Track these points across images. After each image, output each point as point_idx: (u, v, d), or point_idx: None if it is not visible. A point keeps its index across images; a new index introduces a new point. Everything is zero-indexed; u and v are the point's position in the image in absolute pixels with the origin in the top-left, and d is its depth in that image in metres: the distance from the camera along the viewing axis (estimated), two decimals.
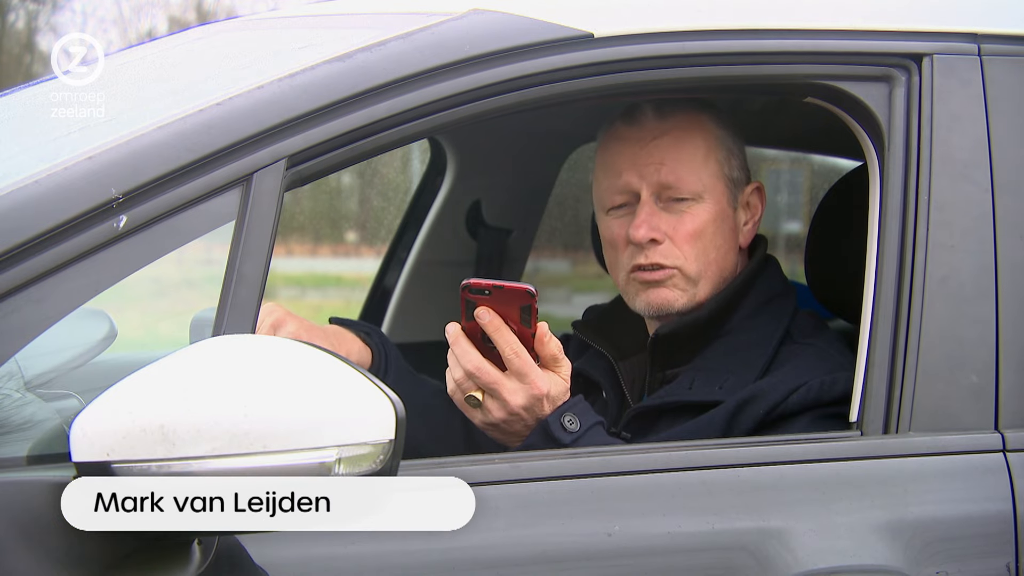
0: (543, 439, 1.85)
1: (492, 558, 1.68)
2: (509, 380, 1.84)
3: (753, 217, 2.19)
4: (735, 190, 2.16)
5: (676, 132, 2.12)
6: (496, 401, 1.85)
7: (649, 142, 2.12)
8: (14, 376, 1.61)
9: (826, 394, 1.97)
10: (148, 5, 16.34)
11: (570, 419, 1.86)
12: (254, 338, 1.52)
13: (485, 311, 1.81)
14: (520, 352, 1.82)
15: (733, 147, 2.16)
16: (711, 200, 2.12)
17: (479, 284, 1.81)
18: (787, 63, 1.95)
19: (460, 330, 1.85)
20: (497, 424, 1.87)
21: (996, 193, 1.94)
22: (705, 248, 2.11)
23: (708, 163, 2.12)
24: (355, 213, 12.13)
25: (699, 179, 2.11)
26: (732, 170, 2.15)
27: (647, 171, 2.11)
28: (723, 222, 2.13)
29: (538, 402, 1.84)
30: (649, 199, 2.10)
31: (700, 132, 2.13)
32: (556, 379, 1.87)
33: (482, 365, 1.83)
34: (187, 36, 2.47)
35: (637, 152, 2.12)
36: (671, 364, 2.14)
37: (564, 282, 7.01)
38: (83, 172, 1.59)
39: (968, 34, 1.99)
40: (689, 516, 1.75)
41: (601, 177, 2.17)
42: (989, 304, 1.91)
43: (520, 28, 1.82)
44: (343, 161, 1.73)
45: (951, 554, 1.83)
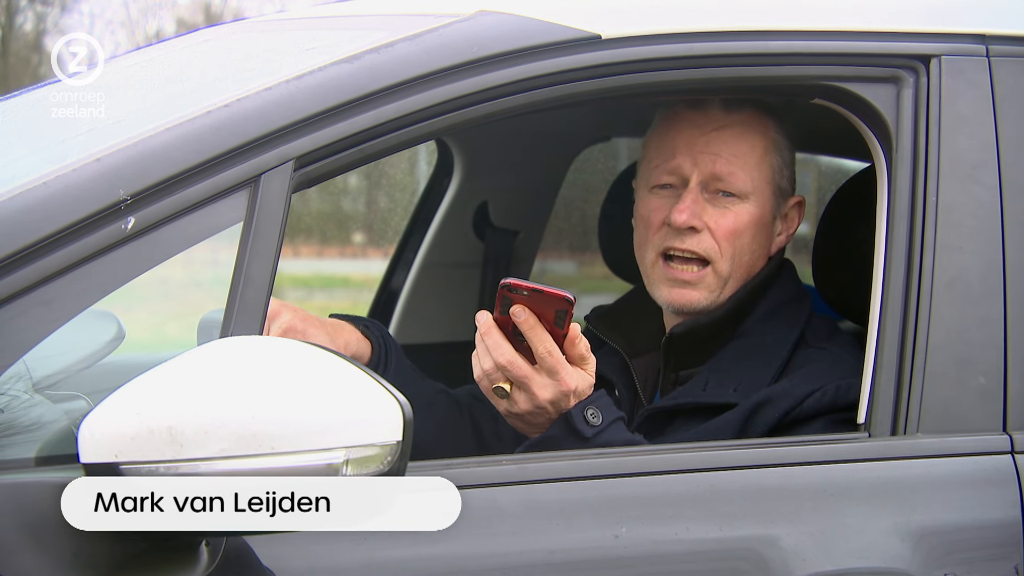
0: (565, 431, 1.86)
1: (498, 560, 1.68)
2: (539, 375, 1.84)
3: (788, 229, 2.18)
4: (780, 199, 2.15)
5: (739, 128, 2.12)
6: (524, 394, 1.85)
7: (710, 131, 2.11)
8: (22, 377, 1.61)
9: (841, 399, 1.97)
10: (156, 7, 16.36)
11: (593, 413, 1.87)
12: (262, 339, 1.52)
13: (521, 309, 1.81)
14: (553, 351, 1.83)
15: (787, 157, 2.16)
16: (756, 202, 2.11)
17: (518, 285, 1.81)
18: (795, 64, 1.95)
19: (492, 321, 1.84)
20: (522, 415, 1.88)
21: (1004, 194, 1.94)
22: (741, 249, 2.11)
23: (762, 166, 2.12)
24: (362, 214, 12.14)
25: (751, 179, 2.10)
26: (782, 179, 2.15)
27: (702, 159, 2.10)
28: (762, 228, 2.13)
29: (565, 397, 1.85)
30: (696, 187, 2.09)
31: (761, 133, 2.13)
32: (584, 375, 1.87)
33: (514, 359, 1.83)
34: (195, 38, 2.47)
35: (696, 137, 2.11)
36: (685, 364, 2.14)
37: (571, 283, 7.00)
38: (91, 174, 1.59)
39: (976, 35, 1.99)
40: (697, 518, 1.75)
41: (653, 154, 2.16)
42: (997, 305, 1.91)
43: (527, 30, 1.82)
44: (351, 162, 1.73)
45: (959, 556, 1.82)
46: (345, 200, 12.03)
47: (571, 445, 1.85)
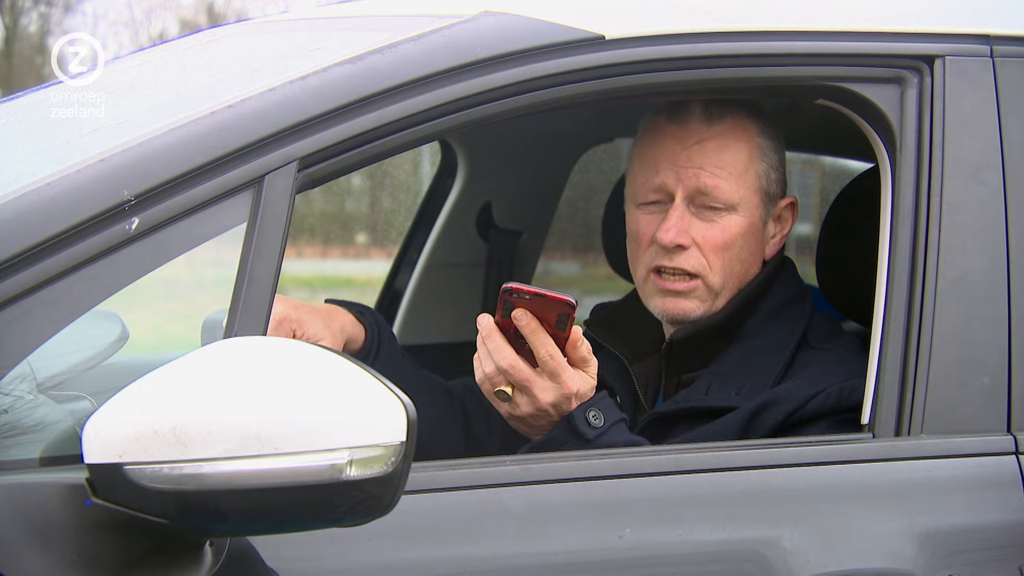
0: (567, 433, 1.86)
1: (501, 561, 1.68)
2: (541, 378, 1.84)
3: (782, 231, 2.17)
4: (769, 204, 2.14)
5: (720, 139, 2.10)
6: (526, 397, 1.85)
7: (692, 144, 2.09)
8: (27, 378, 1.61)
9: (845, 401, 1.97)
10: (159, 8, 16.38)
11: (594, 414, 1.87)
12: (266, 340, 1.52)
13: (523, 313, 1.81)
14: (555, 355, 1.83)
15: (774, 160, 2.14)
16: (744, 212, 2.10)
17: (520, 289, 1.81)
18: (799, 65, 1.95)
19: (494, 325, 1.84)
20: (523, 418, 1.88)
21: (1008, 195, 1.94)
22: (731, 260, 2.09)
23: (747, 175, 2.10)
24: (366, 215, 12.15)
25: (736, 190, 2.09)
26: (770, 184, 2.13)
27: (685, 174, 2.08)
28: (752, 235, 2.12)
29: (566, 400, 1.85)
30: (682, 203, 2.08)
31: (744, 142, 2.11)
32: (585, 377, 1.87)
33: (516, 363, 1.83)
34: (198, 39, 2.47)
35: (678, 152, 2.10)
36: (687, 368, 2.13)
37: (574, 284, 7.01)
38: (95, 174, 1.59)
39: (980, 36, 1.98)
40: (700, 518, 1.75)
41: (637, 170, 2.15)
42: (1001, 306, 1.91)
43: (531, 30, 1.82)
44: (355, 163, 1.73)
45: (963, 557, 1.82)
46: (349, 201, 12.04)
47: (573, 447, 1.85)
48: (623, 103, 2.27)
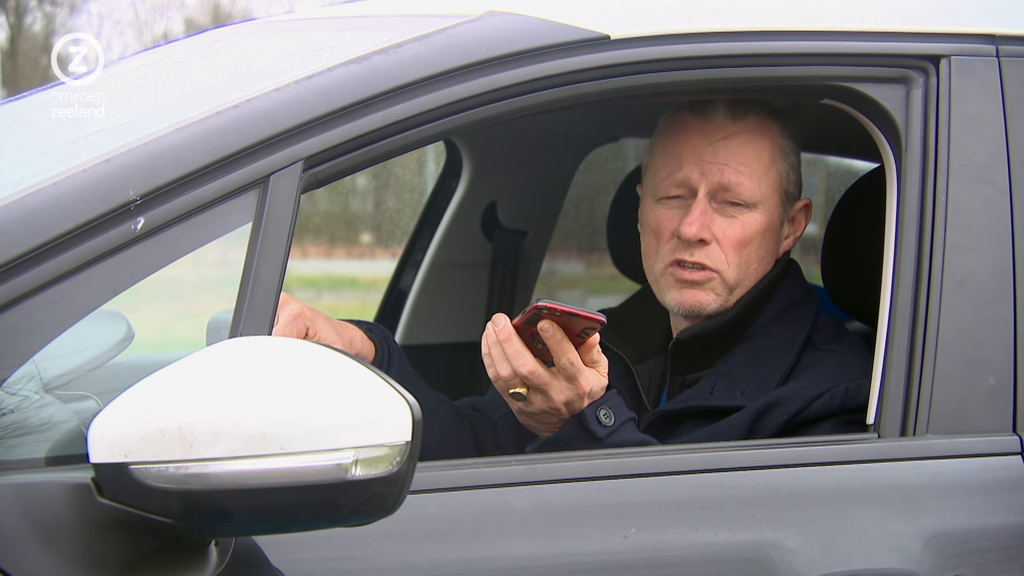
0: (578, 431, 1.86)
1: (507, 560, 1.68)
2: (558, 380, 1.85)
3: (795, 232, 2.18)
4: (787, 204, 2.14)
5: (746, 135, 2.10)
6: (541, 396, 1.86)
7: (717, 140, 2.10)
8: (33, 378, 1.61)
9: (850, 401, 1.97)
10: (164, 7, 16.40)
11: (605, 413, 1.87)
12: (271, 340, 1.53)
13: (550, 325, 1.81)
14: (575, 361, 1.83)
15: (794, 160, 2.15)
16: (764, 210, 2.10)
17: (553, 308, 1.80)
18: (804, 65, 1.95)
19: (512, 328, 1.84)
20: (535, 414, 1.88)
21: (1014, 195, 1.93)
22: (749, 258, 2.10)
23: (770, 173, 2.11)
24: (370, 215, 12.15)
25: (758, 188, 2.09)
26: (789, 184, 2.14)
27: (710, 169, 2.09)
28: (770, 234, 2.12)
29: (579, 398, 1.86)
30: (705, 197, 2.08)
31: (768, 140, 2.11)
32: (598, 376, 1.87)
33: (536, 369, 1.84)
34: (203, 39, 2.47)
35: (703, 147, 2.10)
36: (692, 368, 2.13)
37: (579, 284, 7.00)
38: (101, 174, 1.59)
39: (986, 35, 1.98)
40: (706, 518, 1.75)
41: (659, 164, 2.14)
42: (1007, 306, 1.91)
43: (536, 30, 1.82)
44: (360, 163, 1.73)
45: (969, 557, 1.82)
46: (354, 200, 12.05)
47: (583, 445, 1.85)
48: (628, 103, 2.27)
